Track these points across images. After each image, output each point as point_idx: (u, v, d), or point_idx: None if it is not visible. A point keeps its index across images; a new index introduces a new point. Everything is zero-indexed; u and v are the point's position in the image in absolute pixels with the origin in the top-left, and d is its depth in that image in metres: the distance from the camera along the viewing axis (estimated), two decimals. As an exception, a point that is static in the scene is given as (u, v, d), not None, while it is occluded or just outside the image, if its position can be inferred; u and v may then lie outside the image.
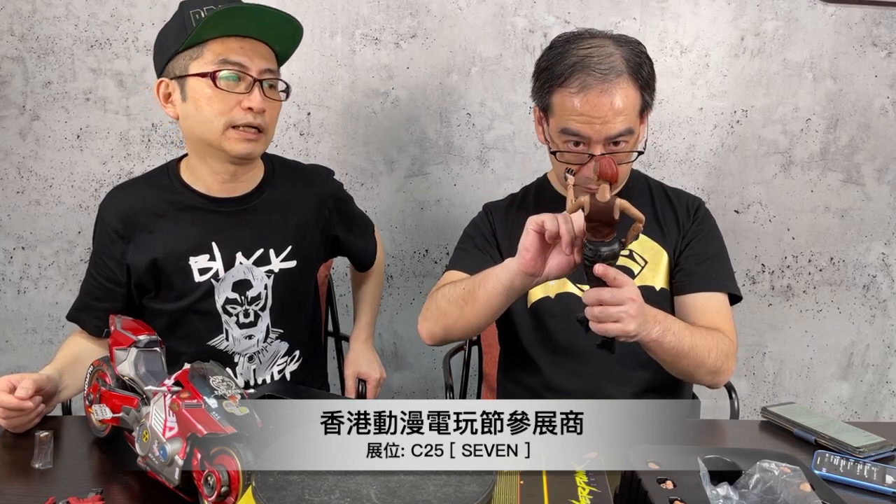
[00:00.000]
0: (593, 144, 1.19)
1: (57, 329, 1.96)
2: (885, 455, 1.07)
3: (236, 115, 1.19)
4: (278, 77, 1.24)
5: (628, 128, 1.19)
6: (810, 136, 1.97)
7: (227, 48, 1.18)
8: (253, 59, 1.19)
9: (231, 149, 1.21)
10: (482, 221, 1.41)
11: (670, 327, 1.12)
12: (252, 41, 1.20)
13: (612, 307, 1.01)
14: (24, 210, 1.90)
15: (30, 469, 0.98)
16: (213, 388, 0.88)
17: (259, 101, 1.19)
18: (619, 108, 1.17)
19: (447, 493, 0.77)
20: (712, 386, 1.26)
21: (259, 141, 1.23)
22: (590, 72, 1.17)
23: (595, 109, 1.17)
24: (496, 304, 1.15)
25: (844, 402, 2.17)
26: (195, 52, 1.18)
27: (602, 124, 1.17)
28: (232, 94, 1.18)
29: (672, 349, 1.13)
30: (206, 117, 1.19)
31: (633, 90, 1.20)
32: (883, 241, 2.05)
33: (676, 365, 1.18)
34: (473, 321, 1.20)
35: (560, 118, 1.22)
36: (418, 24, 1.86)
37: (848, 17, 1.91)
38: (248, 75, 1.19)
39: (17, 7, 1.79)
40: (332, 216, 1.43)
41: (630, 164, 1.29)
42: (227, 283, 1.29)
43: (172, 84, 1.21)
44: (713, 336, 1.20)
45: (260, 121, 1.21)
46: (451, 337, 1.27)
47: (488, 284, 1.14)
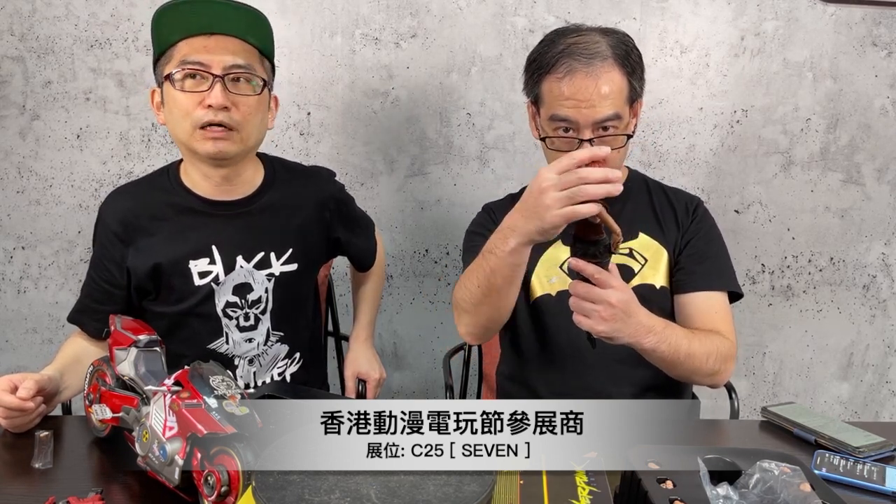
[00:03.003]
0: (582, 129, 1.20)
1: (57, 329, 1.96)
2: (885, 455, 1.07)
3: (198, 115, 1.17)
4: (250, 72, 1.20)
5: (615, 112, 1.20)
6: (810, 136, 1.97)
7: (192, 48, 1.17)
8: (216, 55, 1.17)
9: (201, 149, 1.19)
10: (485, 220, 1.41)
11: (666, 338, 1.13)
12: (219, 37, 1.18)
13: (584, 302, 1.04)
14: (24, 210, 1.90)
15: (30, 469, 0.98)
16: (213, 388, 0.88)
17: (218, 97, 1.15)
18: (604, 91, 1.19)
19: (447, 493, 0.77)
20: (711, 387, 1.27)
21: (230, 139, 1.19)
22: (576, 57, 1.20)
23: (581, 92, 1.19)
24: (518, 280, 1.16)
25: (844, 402, 2.17)
26: (166, 57, 1.20)
27: (589, 108, 1.19)
28: (194, 94, 1.17)
29: (667, 358, 1.15)
30: (175, 119, 1.20)
31: (619, 75, 1.21)
32: (883, 241, 2.05)
33: (672, 370, 1.20)
34: (499, 303, 1.19)
35: (549, 106, 1.24)
36: (418, 24, 1.86)
37: (848, 17, 1.91)
38: (208, 73, 1.17)
39: (17, 7, 1.79)
40: (333, 218, 1.42)
41: (622, 152, 1.26)
42: (228, 287, 1.29)
43: (159, 91, 1.24)
44: (713, 341, 1.21)
45: (223, 117, 1.17)
46: (493, 330, 1.27)
47: (504, 270, 1.12)
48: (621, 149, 1.24)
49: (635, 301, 1.08)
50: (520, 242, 1.07)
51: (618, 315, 1.05)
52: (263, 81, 1.23)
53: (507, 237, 1.08)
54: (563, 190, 0.97)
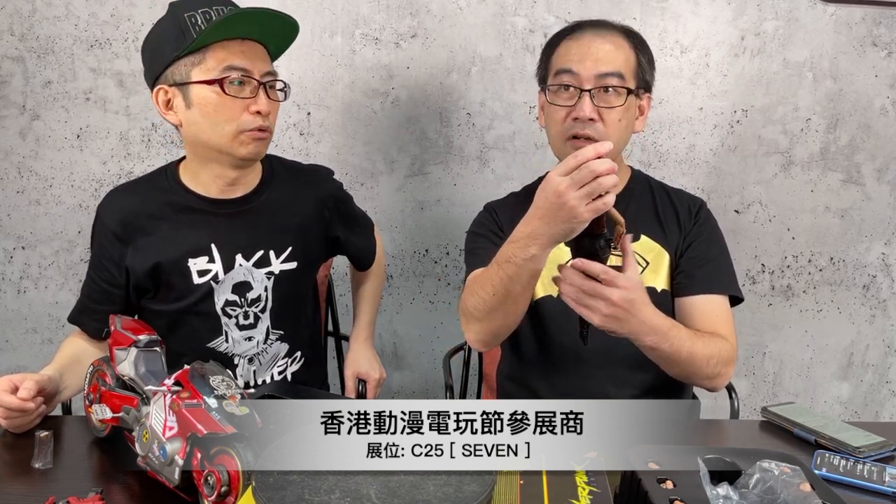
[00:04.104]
0: (583, 81, 1.23)
1: (57, 329, 1.96)
2: (885, 455, 1.07)
3: (246, 120, 1.19)
4: (277, 77, 1.25)
5: (619, 70, 1.23)
6: (810, 136, 1.97)
7: (230, 53, 1.18)
8: (255, 62, 1.20)
9: (242, 152, 1.21)
10: (487, 219, 1.40)
11: (669, 339, 1.12)
12: (251, 43, 1.21)
13: (586, 296, 1.04)
14: (24, 210, 1.90)
15: (30, 469, 0.98)
16: (213, 388, 0.88)
17: (266, 104, 1.20)
18: (609, 50, 1.24)
19: (447, 493, 0.77)
20: (710, 390, 1.27)
21: (265, 141, 1.24)
22: (590, 24, 1.29)
23: (587, 48, 1.24)
24: (534, 284, 1.16)
25: (844, 401, 2.17)
26: (196, 58, 1.17)
27: (593, 61, 1.23)
28: (239, 100, 1.18)
29: (667, 357, 1.14)
30: (214, 123, 1.19)
31: (627, 46, 1.27)
32: (883, 241, 2.05)
33: (671, 369, 1.20)
34: (514, 310, 1.19)
35: (555, 65, 1.28)
36: (418, 24, 1.86)
37: (848, 17, 1.91)
38: (252, 79, 1.19)
39: (17, 7, 1.79)
40: (332, 216, 1.42)
41: (623, 127, 1.26)
42: (227, 285, 1.29)
43: (172, 90, 1.20)
44: (715, 344, 1.20)
45: (267, 122, 1.22)
46: (503, 336, 1.27)
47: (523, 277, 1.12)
48: (622, 120, 1.24)
49: (642, 300, 1.07)
50: (542, 247, 1.06)
51: (618, 313, 1.04)
52: (285, 85, 1.26)
53: (528, 245, 1.07)
54: (581, 188, 0.97)
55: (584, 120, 1.22)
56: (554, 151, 1.32)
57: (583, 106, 1.22)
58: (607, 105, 1.22)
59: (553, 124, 1.28)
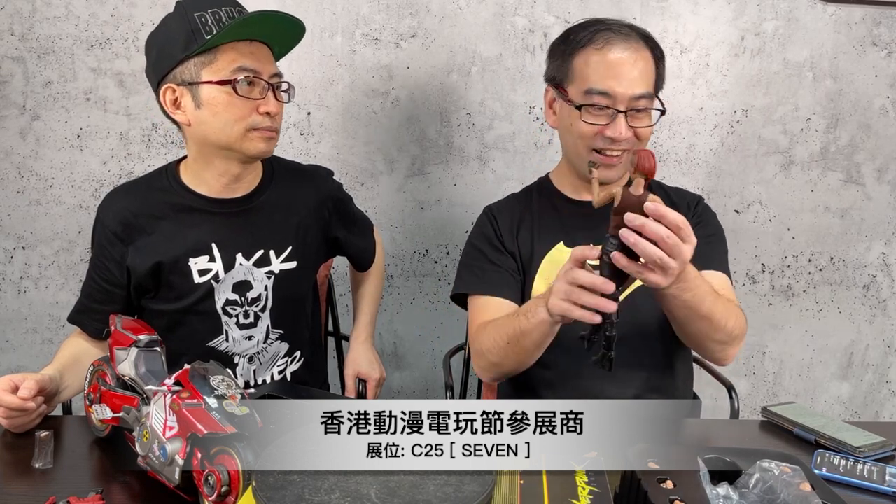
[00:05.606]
0: (618, 103, 1.21)
1: (57, 329, 1.96)
2: (885, 455, 1.07)
3: (256, 120, 1.20)
4: (283, 79, 1.26)
5: (650, 91, 1.23)
6: (810, 136, 1.97)
7: (240, 54, 1.19)
8: (264, 63, 1.21)
9: (251, 149, 1.22)
10: (486, 229, 1.39)
11: (691, 288, 1.08)
12: (259, 44, 1.22)
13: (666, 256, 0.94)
14: (25, 210, 1.90)
15: (30, 469, 0.98)
16: (213, 388, 0.88)
17: (275, 105, 1.22)
18: (643, 70, 1.22)
19: (447, 493, 0.77)
20: (719, 361, 1.25)
21: (274, 140, 1.26)
22: (613, 31, 1.23)
23: (621, 64, 1.21)
24: (546, 345, 1.19)
25: (844, 401, 2.17)
26: (206, 59, 1.18)
27: (628, 83, 1.21)
28: (249, 100, 1.19)
29: (688, 307, 1.10)
30: (225, 123, 1.20)
31: (651, 59, 1.25)
32: (883, 241, 2.05)
33: (689, 325, 1.16)
34: (527, 361, 1.22)
35: (583, 78, 1.24)
36: (418, 24, 1.86)
37: (848, 17, 1.91)
38: (261, 80, 1.20)
39: (17, 7, 1.79)
40: (332, 216, 1.42)
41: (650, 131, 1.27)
42: (227, 285, 1.29)
43: (181, 90, 1.20)
44: (733, 309, 1.20)
45: (275, 123, 1.24)
46: (510, 376, 1.30)
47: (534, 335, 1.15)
48: (650, 127, 1.26)
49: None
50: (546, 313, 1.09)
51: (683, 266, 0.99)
52: (289, 86, 1.27)
53: (539, 305, 1.11)
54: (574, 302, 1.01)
55: (620, 140, 1.21)
56: (569, 152, 1.32)
57: (619, 128, 1.21)
58: (641, 125, 1.23)
59: (578, 134, 1.25)
